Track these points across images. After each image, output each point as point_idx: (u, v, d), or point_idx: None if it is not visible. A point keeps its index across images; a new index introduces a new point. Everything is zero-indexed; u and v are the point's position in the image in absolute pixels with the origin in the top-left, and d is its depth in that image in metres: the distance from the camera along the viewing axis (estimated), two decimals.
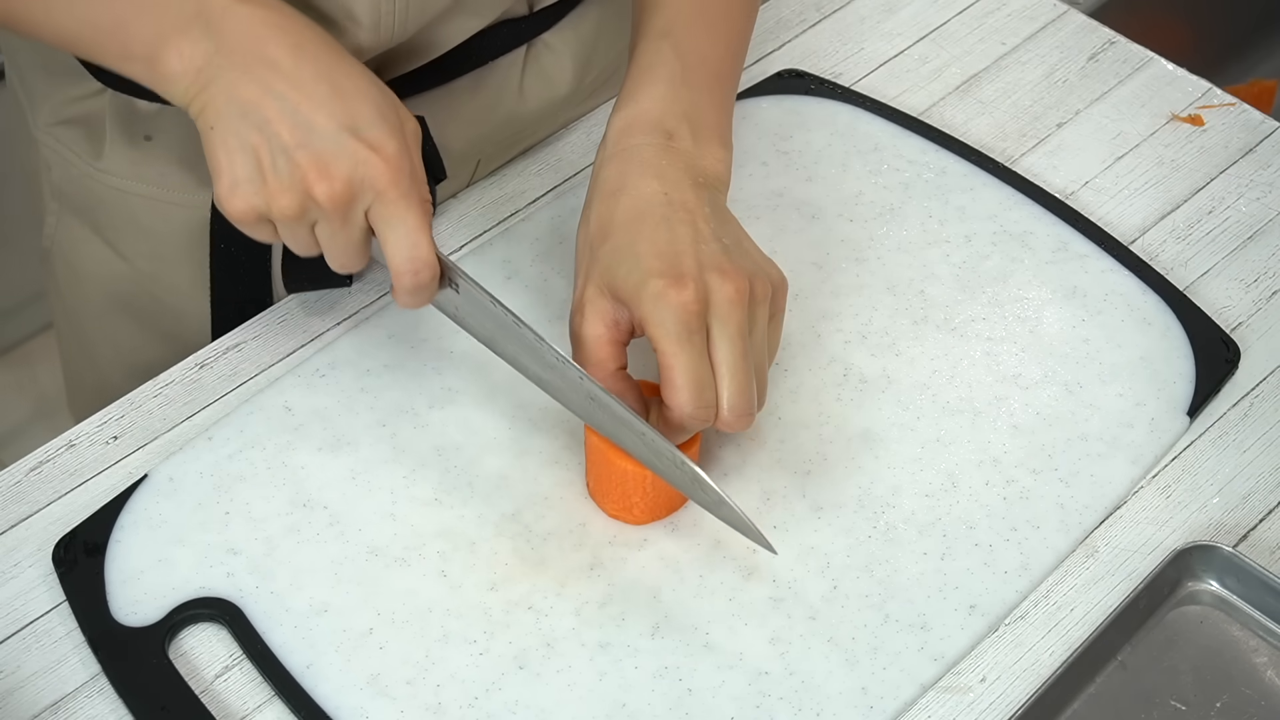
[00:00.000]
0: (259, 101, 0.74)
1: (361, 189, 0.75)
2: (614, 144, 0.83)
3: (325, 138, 0.74)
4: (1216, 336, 0.92)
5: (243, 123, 0.75)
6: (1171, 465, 0.88)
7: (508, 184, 1.01)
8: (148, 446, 0.88)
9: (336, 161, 0.74)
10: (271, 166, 0.74)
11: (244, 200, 0.75)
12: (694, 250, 0.78)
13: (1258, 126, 1.05)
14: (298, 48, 0.75)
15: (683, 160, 0.82)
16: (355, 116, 0.75)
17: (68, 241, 1.02)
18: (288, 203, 0.75)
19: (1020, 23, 1.12)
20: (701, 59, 0.86)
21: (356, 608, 0.80)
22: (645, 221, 0.79)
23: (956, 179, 1.01)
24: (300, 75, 0.75)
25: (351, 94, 0.76)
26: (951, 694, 0.78)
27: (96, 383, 1.03)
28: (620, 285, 0.78)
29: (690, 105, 0.84)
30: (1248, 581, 0.82)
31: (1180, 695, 0.79)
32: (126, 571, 0.81)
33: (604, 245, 0.80)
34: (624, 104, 0.84)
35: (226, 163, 0.75)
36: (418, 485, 0.85)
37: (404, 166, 0.75)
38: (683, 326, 0.76)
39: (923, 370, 0.91)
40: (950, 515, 0.84)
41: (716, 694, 0.77)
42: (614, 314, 0.79)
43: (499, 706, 0.77)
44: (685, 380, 0.76)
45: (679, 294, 0.76)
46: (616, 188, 0.81)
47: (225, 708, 0.78)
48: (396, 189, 0.75)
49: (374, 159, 0.74)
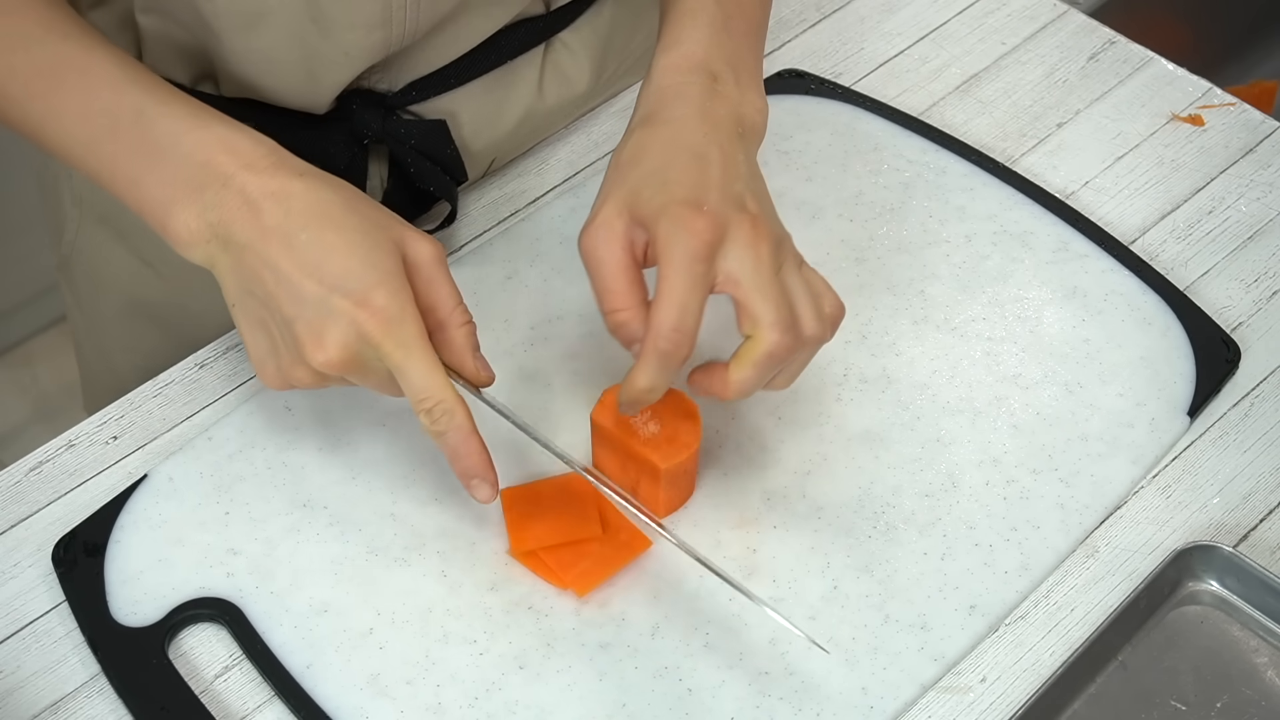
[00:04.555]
0: (260, 275, 0.75)
1: (361, 346, 0.74)
2: (660, 79, 0.81)
3: (314, 305, 0.74)
4: (1217, 336, 0.92)
5: (251, 299, 0.76)
6: (1172, 465, 0.88)
7: (508, 184, 1.01)
8: (148, 446, 0.88)
9: (328, 327, 0.74)
10: (281, 340, 0.75)
11: (270, 377, 0.77)
12: (722, 188, 0.77)
13: (1258, 126, 1.05)
14: (288, 208, 0.75)
15: (728, 105, 0.81)
16: (343, 276, 0.74)
17: (89, 248, 1.02)
18: (302, 374, 0.76)
19: (1020, 23, 1.12)
20: (739, 6, 0.85)
21: (356, 608, 0.80)
22: (682, 153, 0.78)
23: (956, 179, 1.01)
24: (293, 240, 0.74)
25: (339, 248, 0.74)
26: (951, 694, 0.78)
27: (114, 386, 1.03)
28: (643, 206, 0.76)
29: (733, 51, 0.83)
30: (1248, 581, 0.82)
31: (1180, 695, 0.79)
32: (126, 571, 0.81)
33: (635, 169, 0.78)
34: (668, 46, 0.82)
35: (250, 340, 0.77)
36: (418, 485, 0.85)
37: (392, 315, 0.74)
38: (689, 253, 0.74)
39: (923, 370, 0.91)
40: (950, 515, 0.84)
41: (716, 694, 0.77)
42: (628, 234, 0.76)
43: (499, 706, 0.77)
44: (672, 300, 0.73)
45: (696, 221, 0.74)
46: (660, 119, 0.80)
47: (225, 708, 0.78)
48: (390, 340, 0.74)
49: (362, 315, 0.73)
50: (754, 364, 0.75)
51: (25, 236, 1.86)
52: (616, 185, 0.77)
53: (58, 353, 2.07)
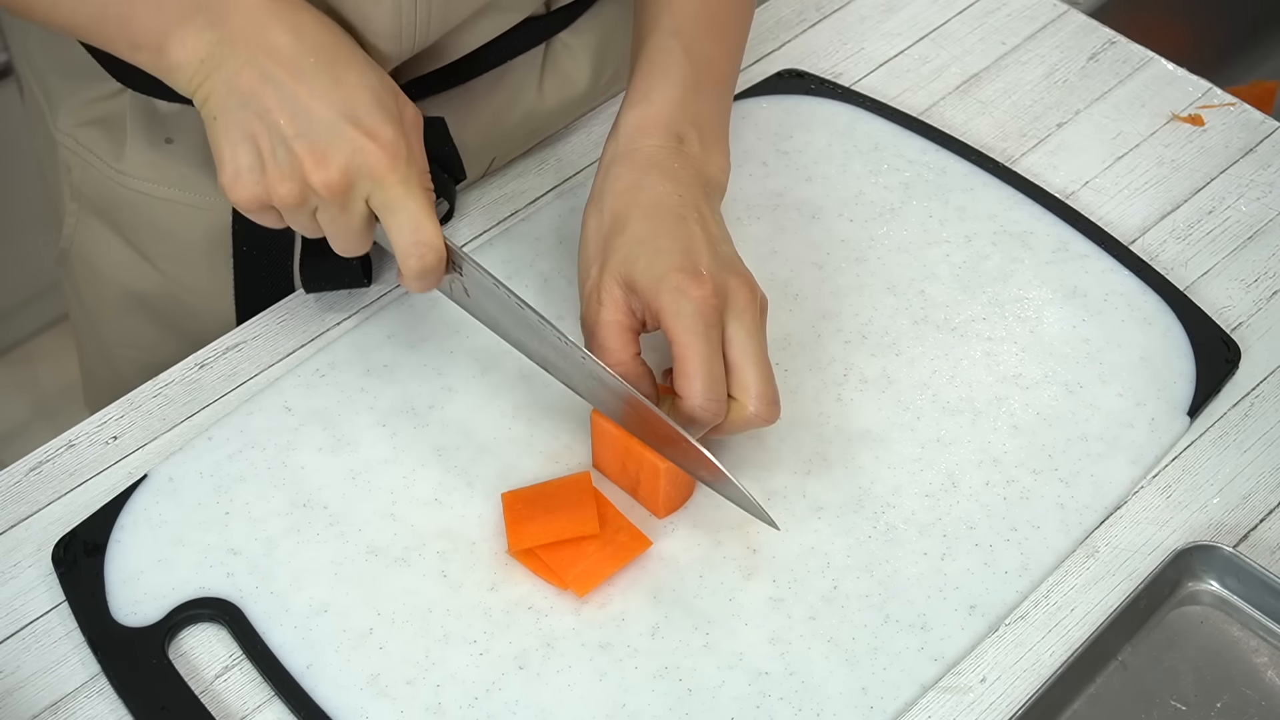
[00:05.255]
0: (259, 90, 0.75)
1: (359, 176, 0.76)
2: (626, 141, 0.84)
3: (322, 126, 0.75)
4: (1217, 336, 0.92)
5: (243, 112, 0.76)
6: (1172, 465, 0.88)
7: (508, 184, 1.01)
8: (148, 446, 0.88)
9: (333, 150, 0.75)
10: (271, 155, 0.76)
11: (246, 189, 0.77)
12: (709, 251, 0.80)
13: (1258, 126, 1.05)
14: (298, 35, 0.76)
15: (692, 166, 0.84)
16: (353, 104, 0.76)
17: (87, 242, 1.02)
18: (287, 191, 0.76)
19: (1020, 23, 1.12)
20: (709, 62, 0.88)
21: (356, 608, 0.80)
22: (663, 218, 0.81)
23: (956, 179, 1.01)
24: (300, 63, 0.76)
25: (350, 82, 0.76)
26: (952, 694, 0.78)
27: (113, 380, 1.04)
28: (639, 277, 0.79)
29: (698, 111, 0.86)
30: (1248, 581, 0.82)
31: (1180, 695, 0.79)
32: (126, 571, 0.81)
33: (619, 237, 0.81)
34: (636, 102, 0.85)
35: (229, 152, 0.77)
36: (418, 485, 0.85)
37: (401, 152, 0.76)
38: (701, 320, 0.77)
39: (923, 370, 0.91)
40: (950, 515, 0.84)
41: (716, 694, 0.77)
42: (628, 303, 0.80)
43: (499, 706, 0.77)
44: (700, 369, 0.77)
45: (699, 288, 0.78)
46: (631, 184, 0.82)
47: (225, 708, 0.78)
48: (394, 175, 0.76)
49: (370, 146, 0.75)
50: (731, 425, 0.80)
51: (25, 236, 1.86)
52: (605, 254, 0.81)
53: (58, 353, 2.07)
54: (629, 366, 0.80)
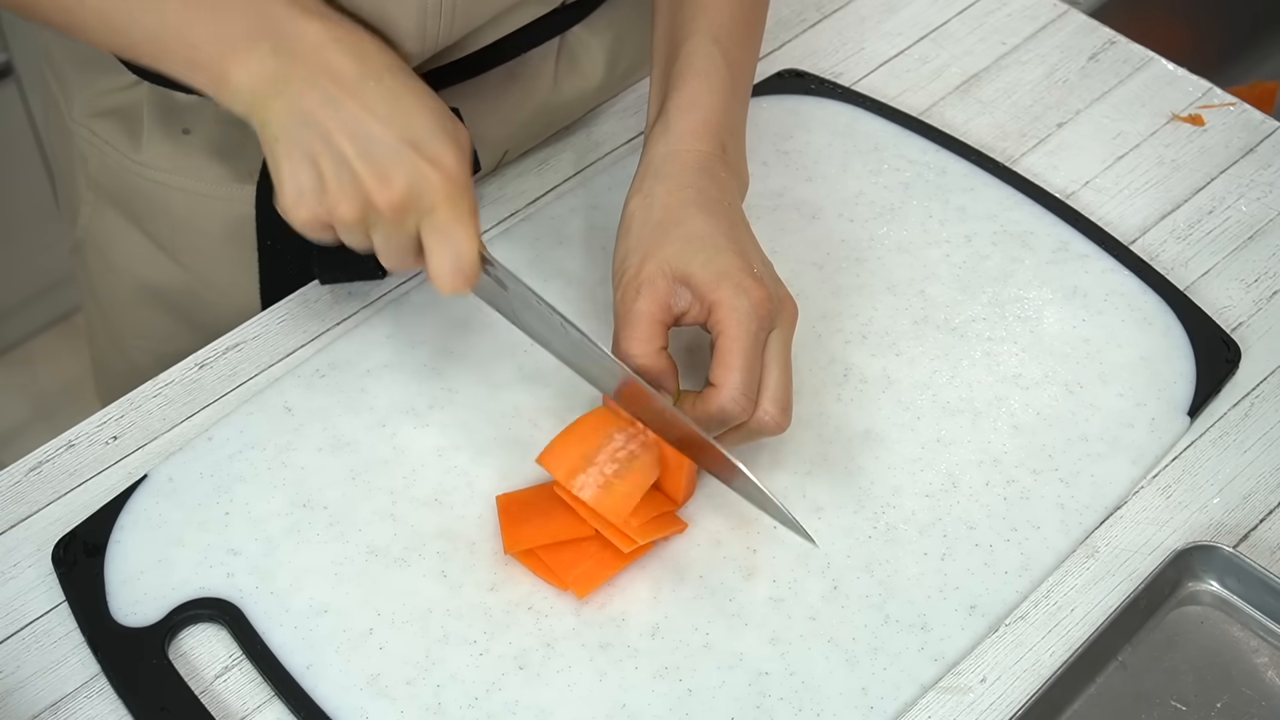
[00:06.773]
0: (320, 113, 0.76)
1: (418, 200, 0.76)
2: (679, 142, 0.85)
3: (384, 147, 0.76)
4: (1217, 336, 0.92)
5: (305, 133, 0.76)
6: (1172, 465, 0.88)
7: (508, 184, 1.01)
8: (147, 446, 0.88)
9: (395, 170, 0.76)
10: (334, 176, 0.76)
11: (308, 209, 0.77)
12: (762, 260, 0.83)
13: (1258, 126, 1.05)
14: (361, 59, 0.77)
15: (734, 174, 0.86)
16: (415, 129, 0.76)
17: (103, 232, 1.03)
18: (347, 210, 0.77)
19: (1020, 23, 1.12)
20: (743, 70, 0.89)
21: (356, 608, 0.80)
22: (719, 220, 0.82)
23: (956, 179, 1.01)
24: (363, 88, 0.76)
25: (412, 107, 0.77)
26: (952, 694, 0.78)
27: (127, 372, 1.04)
28: (697, 270, 0.80)
29: (736, 120, 0.88)
30: (1248, 582, 0.82)
31: (1180, 695, 0.79)
32: (126, 572, 0.81)
33: (674, 230, 0.82)
34: (685, 107, 0.86)
35: (290, 173, 0.77)
36: (418, 485, 0.85)
37: (459, 180, 0.77)
38: (755, 319, 0.79)
39: (923, 370, 0.91)
40: (950, 515, 0.84)
41: (716, 694, 0.77)
42: (669, 296, 0.81)
43: (499, 706, 0.77)
44: (742, 363, 0.79)
45: (759, 290, 0.80)
46: (685, 183, 0.84)
47: (225, 708, 0.78)
48: (449, 204, 0.77)
49: (432, 173, 0.76)
50: (747, 433, 0.81)
51: (26, 236, 1.86)
52: (656, 245, 0.82)
53: (58, 353, 2.07)
54: (654, 359, 0.81)
